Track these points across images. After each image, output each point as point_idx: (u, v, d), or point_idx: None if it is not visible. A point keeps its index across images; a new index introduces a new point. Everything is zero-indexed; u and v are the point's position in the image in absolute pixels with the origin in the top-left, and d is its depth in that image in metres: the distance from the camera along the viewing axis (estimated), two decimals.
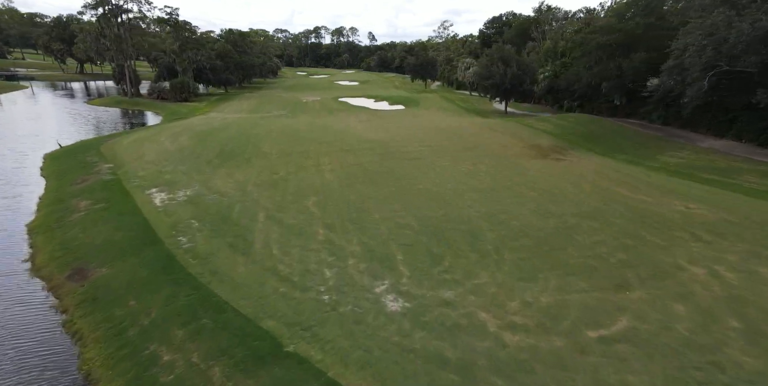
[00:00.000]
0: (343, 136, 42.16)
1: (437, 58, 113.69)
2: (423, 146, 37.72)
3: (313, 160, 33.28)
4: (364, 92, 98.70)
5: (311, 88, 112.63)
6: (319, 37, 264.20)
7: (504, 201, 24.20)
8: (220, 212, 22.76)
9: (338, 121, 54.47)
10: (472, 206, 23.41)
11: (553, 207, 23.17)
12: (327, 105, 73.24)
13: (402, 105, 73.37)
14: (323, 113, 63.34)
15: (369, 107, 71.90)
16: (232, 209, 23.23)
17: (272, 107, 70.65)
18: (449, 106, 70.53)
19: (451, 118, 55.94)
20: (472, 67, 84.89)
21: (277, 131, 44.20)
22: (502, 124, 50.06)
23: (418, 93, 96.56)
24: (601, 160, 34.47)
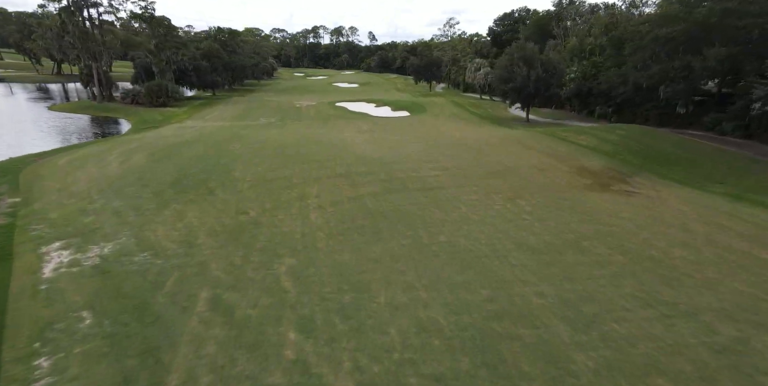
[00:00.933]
0: (338, 152, 34.09)
1: (443, 59, 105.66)
2: (437, 169, 29.58)
3: (297, 190, 25.16)
4: (364, 95, 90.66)
5: (307, 90, 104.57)
6: (318, 36, 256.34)
7: (578, 273, 15.90)
8: (138, 292, 14.59)
9: (334, 131, 46.42)
10: (529, 283, 15.20)
11: (667, 290, 14.77)
12: (322, 111, 65.17)
13: (406, 111, 65.32)
14: (317, 122, 55.27)
15: (369, 114, 63.84)
16: (161, 285, 15.07)
17: (260, 114, 62.60)
18: (460, 113, 62.44)
19: (466, 128, 47.88)
20: (484, 68, 76.95)
21: (258, 147, 36.15)
22: (530, 136, 41.97)
23: (424, 96, 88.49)
24: (689, 193, 25.82)
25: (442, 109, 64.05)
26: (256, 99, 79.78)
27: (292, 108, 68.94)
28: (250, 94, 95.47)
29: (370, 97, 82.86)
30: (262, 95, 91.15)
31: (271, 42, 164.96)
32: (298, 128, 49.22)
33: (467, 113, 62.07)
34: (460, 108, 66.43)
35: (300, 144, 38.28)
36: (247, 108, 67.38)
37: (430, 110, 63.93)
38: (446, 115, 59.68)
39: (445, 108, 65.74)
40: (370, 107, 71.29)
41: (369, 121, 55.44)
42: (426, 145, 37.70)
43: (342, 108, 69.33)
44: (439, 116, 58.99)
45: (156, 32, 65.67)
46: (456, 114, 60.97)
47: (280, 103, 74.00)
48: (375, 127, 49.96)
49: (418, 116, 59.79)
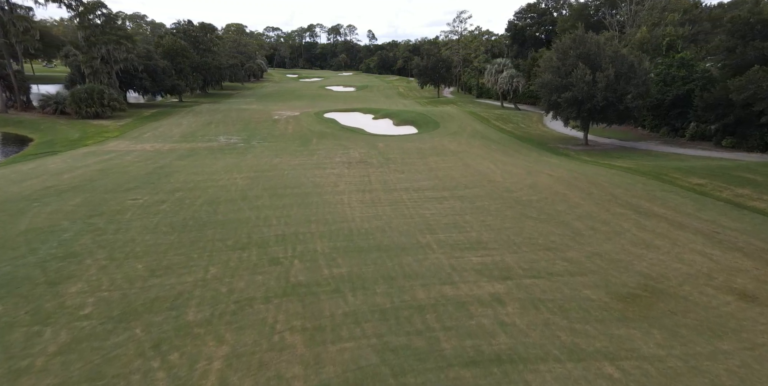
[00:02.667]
0: (305, 219, 19.21)
1: (453, 59, 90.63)
2: (494, 278, 14.35)
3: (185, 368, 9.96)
4: (360, 102, 75.49)
5: (295, 95, 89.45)
6: (315, 35, 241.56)
7: None
8: None
9: (311, 164, 31.29)
10: None
11: None
12: (305, 126, 50.03)
13: (413, 126, 50.26)
14: (294, 144, 40.14)
15: (365, 130, 48.76)
16: None
17: (222, 130, 47.49)
18: (486, 130, 47.36)
19: (504, 159, 32.77)
20: (507, 70, 61.89)
21: (173, 202, 21.14)
22: (617, 178, 26.86)
23: (432, 104, 73.38)
24: None
25: (461, 125, 48.94)
26: (227, 108, 64.60)
27: (267, 121, 53.83)
28: (225, 100, 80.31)
29: (368, 106, 67.75)
30: (238, 102, 75.96)
31: (260, 40, 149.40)
32: (262, 157, 34.16)
33: (495, 131, 47.02)
34: (482, 122, 51.38)
35: (248, 194, 23.23)
36: (208, 121, 52.23)
37: (445, 125, 48.84)
38: (468, 134, 44.58)
39: (464, 122, 50.64)
40: (366, 120, 56.27)
41: (364, 143, 40.36)
42: (453, 200, 22.61)
43: (331, 121, 54.23)
44: (458, 135, 43.86)
45: (85, 21, 50.49)
46: (480, 131, 45.88)
47: (254, 114, 58.88)
48: (371, 154, 34.89)
49: (429, 135, 44.67)
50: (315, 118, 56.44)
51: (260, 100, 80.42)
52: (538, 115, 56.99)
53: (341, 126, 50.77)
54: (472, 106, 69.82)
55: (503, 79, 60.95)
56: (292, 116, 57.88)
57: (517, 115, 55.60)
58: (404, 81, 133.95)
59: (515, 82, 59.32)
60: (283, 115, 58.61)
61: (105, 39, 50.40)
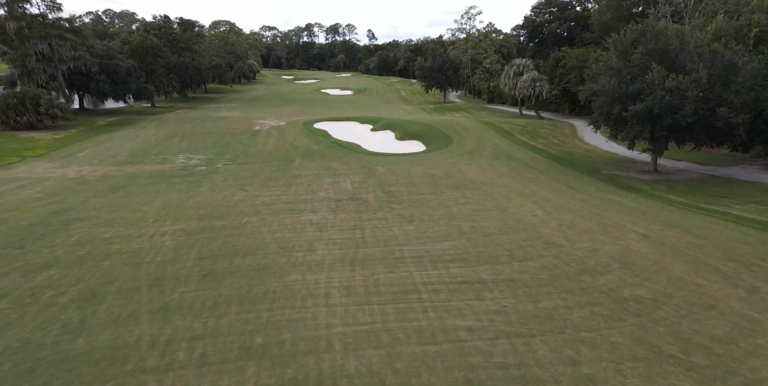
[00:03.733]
0: (237, 350, 9.79)
1: (461, 59, 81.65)
2: None
3: None
4: (358, 109, 66.57)
5: (285, 100, 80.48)
6: (312, 35, 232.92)
7: None
8: None
9: (282, 206, 21.93)
10: None
11: None
12: (289, 141, 41.02)
13: (420, 141, 41.22)
14: (269, 167, 30.95)
15: (361, 146, 39.74)
16: None
17: (186, 146, 38.50)
18: (511, 148, 38.23)
19: (555, 199, 23.40)
20: (529, 72, 52.88)
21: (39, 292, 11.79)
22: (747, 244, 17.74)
23: (439, 111, 64.40)
24: None
25: (479, 140, 39.75)
26: (202, 115, 55.49)
27: (245, 133, 44.82)
28: (205, 105, 71.27)
29: (366, 114, 58.77)
30: (219, 108, 66.94)
31: (255, 40, 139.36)
32: (221, 189, 25.01)
33: (524, 148, 37.85)
34: (504, 136, 42.25)
35: (166, 272, 14.10)
36: (172, 133, 43.13)
37: (459, 141, 39.70)
38: (490, 153, 35.44)
39: (482, 136, 41.47)
40: (364, 131, 47.30)
41: (358, 166, 31.21)
42: (498, 289, 13.47)
43: (322, 134, 45.18)
44: (477, 155, 34.71)
45: (15, 10, 41.15)
46: (505, 150, 36.71)
47: (233, 124, 49.84)
48: (367, 185, 25.79)
49: (441, 155, 35.55)
50: (303, 129, 47.39)
51: (245, 106, 71.38)
52: (568, 125, 47.96)
53: (333, 140, 41.70)
54: (485, 114, 60.81)
55: (524, 83, 51.94)
56: (277, 127, 48.87)
57: (544, 126, 46.47)
58: (406, 83, 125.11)
59: (538, 86, 50.33)
60: (266, 125, 49.59)
61: (43, 33, 41.28)
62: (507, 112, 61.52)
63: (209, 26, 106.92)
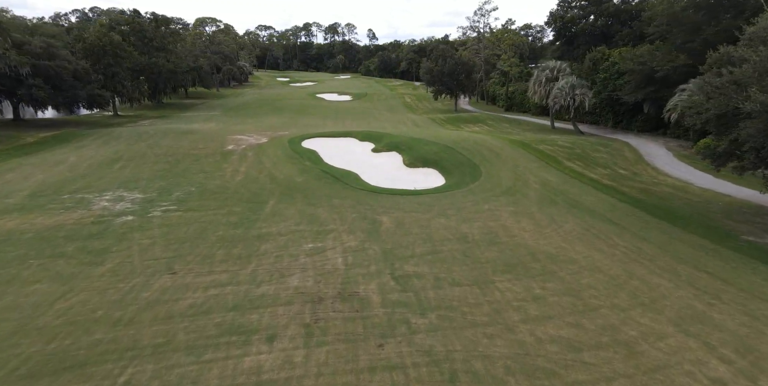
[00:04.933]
0: None
1: (475, 61, 72.05)
2: None
3: None
4: (357, 119, 57.05)
5: (274, 107, 70.84)
6: (311, 35, 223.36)
7: None
8: None
9: (219, 321, 11.64)
10: None
11: None
12: (267, 168, 31.20)
13: (437, 170, 31.39)
14: (227, 216, 20.82)
15: (360, 177, 29.86)
16: None
17: (128, 174, 28.75)
18: (564, 183, 28.11)
19: (713, 316, 13.65)
20: (565, 78, 43.24)
21: None
22: None
23: (454, 124, 54.78)
24: None
25: (517, 169, 29.76)
26: (165, 129, 45.73)
27: (213, 155, 35.22)
28: (179, 114, 61.67)
29: (366, 127, 49.15)
30: (193, 119, 57.33)
31: (249, 39, 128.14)
32: (135, 270, 15.25)
33: (585, 185, 27.75)
34: (547, 162, 32.29)
35: None
36: (115, 156, 33.34)
37: (490, 171, 29.78)
38: (538, 194, 25.50)
39: (519, 164, 31.48)
40: (363, 153, 37.66)
41: (355, 216, 21.39)
42: None
43: (310, 156, 35.46)
44: (520, 195, 24.85)
45: None
46: (559, 188, 26.66)
47: (201, 141, 40.25)
48: (367, 257, 16.12)
49: (470, 195, 25.65)
50: (288, 149, 37.72)
51: (226, 115, 61.75)
52: (623, 144, 38.09)
53: (323, 168, 31.96)
54: (509, 127, 51.09)
55: (560, 91, 42.29)
56: (256, 145, 39.27)
57: (596, 148, 36.52)
58: (410, 87, 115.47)
59: (579, 94, 40.68)
60: (243, 143, 40.02)
61: None
62: (534, 125, 51.78)
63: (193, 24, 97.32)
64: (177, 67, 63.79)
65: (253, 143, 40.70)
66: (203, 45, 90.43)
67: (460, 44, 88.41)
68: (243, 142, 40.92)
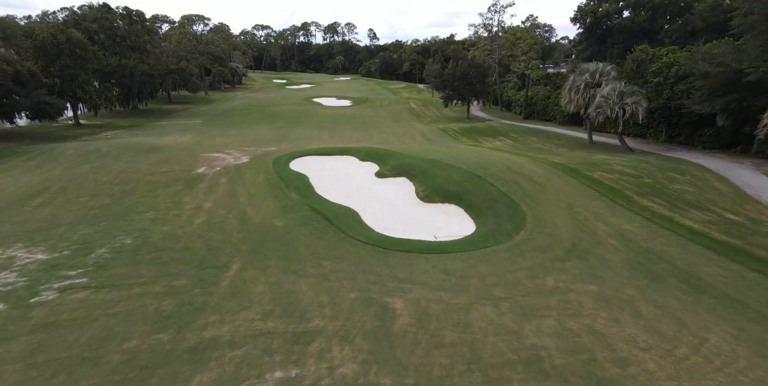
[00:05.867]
0: None
1: (490, 63, 64.56)
2: None
3: None
4: (357, 129, 49.62)
5: (264, 114, 63.26)
6: (309, 35, 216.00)
7: None
8: None
9: None
10: None
11: None
12: (239, 204, 23.30)
13: (462, 208, 23.48)
14: (158, 299, 12.83)
15: (361, 217, 21.96)
16: None
17: (46, 215, 21.05)
18: (652, 238, 20.01)
19: None
20: (611, 84, 35.66)
21: None
22: None
23: (469, 136, 47.23)
24: None
25: (574, 211, 21.86)
26: (124, 145, 38.00)
27: (174, 183, 27.67)
28: (152, 123, 54.06)
29: (369, 141, 41.61)
30: (166, 129, 49.74)
31: (246, 39, 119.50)
32: None
33: (681, 239, 19.73)
34: (615, 200, 24.16)
35: None
36: (41, 185, 25.65)
37: (537, 214, 21.88)
38: (625, 259, 17.70)
39: (575, 201, 23.43)
40: (365, 178, 29.92)
41: (352, 306, 13.79)
42: None
43: (299, 182, 27.73)
44: (597, 261, 17.21)
45: None
46: (651, 249, 18.65)
47: (165, 162, 32.63)
48: None
49: (519, 259, 17.87)
50: (272, 172, 30.05)
51: (208, 124, 54.15)
52: (697, 167, 30.14)
53: (313, 203, 24.24)
54: (537, 141, 43.46)
55: (606, 100, 34.54)
56: (233, 167, 31.70)
57: (670, 174, 28.33)
58: (413, 90, 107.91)
59: (632, 104, 32.96)
60: (218, 164, 32.48)
61: None
62: (567, 139, 44.06)
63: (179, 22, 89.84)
64: (153, 68, 56.17)
65: (231, 164, 33.13)
66: (190, 44, 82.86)
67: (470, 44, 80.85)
68: (218, 163, 33.34)
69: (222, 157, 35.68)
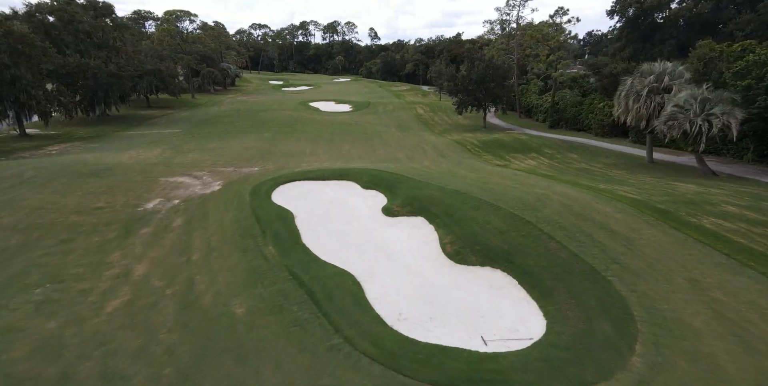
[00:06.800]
0: None
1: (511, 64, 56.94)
2: None
3: None
4: (359, 141, 42.03)
5: (253, 122, 55.49)
6: (308, 34, 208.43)
7: None
8: None
9: None
10: None
11: None
12: (181, 276, 15.34)
13: (514, 276, 15.56)
14: None
15: (366, 297, 13.51)
16: None
17: None
18: None
19: None
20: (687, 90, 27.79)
21: None
22: None
23: (493, 152, 39.58)
24: None
25: (696, 290, 14.07)
26: (63, 165, 30.27)
27: (110, 224, 19.97)
28: (122, 131, 46.42)
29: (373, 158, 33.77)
30: (135, 140, 42.07)
31: (226, 37, 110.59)
32: None
33: None
34: (760, 266, 16.11)
35: None
36: None
37: (646, 300, 14.04)
38: None
39: (693, 273, 15.37)
40: (370, 214, 22.12)
41: None
42: None
43: (281, 223, 19.98)
44: None
45: None
46: None
47: (107, 190, 25.00)
48: None
49: None
50: (247, 210, 22.27)
51: (185, 134, 46.41)
52: None
53: (296, 266, 16.40)
54: (580, 159, 35.78)
55: (684, 110, 26.82)
56: (197, 198, 24.12)
57: None
58: (418, 92, 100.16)
59: (722, 116, 25.14)
60: (179, 195, 24.88)
61: None
62: (615, 155, 36.20)
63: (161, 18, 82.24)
64: (123, 69, 48.46)
65: (195, 194, 25.47)
66: (173, 43, 75.16)
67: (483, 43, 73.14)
68: (179, 192, 25.69)
69: (187, 182, 28.03)
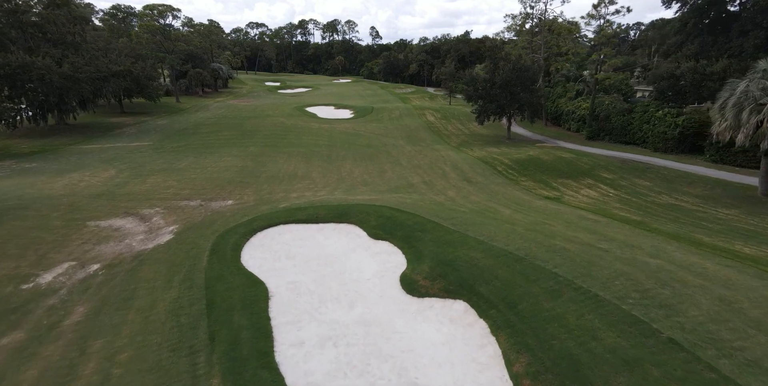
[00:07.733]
0: None
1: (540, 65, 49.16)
2: None
3: None
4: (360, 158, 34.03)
5: (240, 133, 47.53)
6: (307, 33, 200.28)
7: None
8: None
9: None
10: None
11: None
12: None
13: None
14: None
15: None
16: None
17: None
18: None
19: None
20: None
21: None
22: None
23: (536, 180, 31.60)
24: None
25: None
26: None
27: None
28: (79, 144, 38.57)
29: (380, 182, 25.74)
30: (87, 157, 34.12)
31: (217, 36, 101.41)
32: None
33: None
34: None
35: None
36: None
37: None
38: None
39: None
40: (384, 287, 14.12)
41: None
42: None
43: (247, 307, 12.04)
44: None
45: None
46: None
47: (6, 253, 17.08)
48: None
49: None
50: (200, 279, 14.38)
51: (154, 149, 38.45)
52: None
53: None
54: (661, 191, 27.95)
55: None
56: (126, 261, 16.13)
57: None
58: (425, 95, 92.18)
59: None
60: (103, 254, 16.87)
61: None
62: (700, 181, 28.44)
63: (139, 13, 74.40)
64: (81, 70, 40.63)
65: (131, 252, 17.71)
66: (155, 41, 67.27)
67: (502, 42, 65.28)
68: (107, 249, 17.90)
69: (126, 228, 20.15)
